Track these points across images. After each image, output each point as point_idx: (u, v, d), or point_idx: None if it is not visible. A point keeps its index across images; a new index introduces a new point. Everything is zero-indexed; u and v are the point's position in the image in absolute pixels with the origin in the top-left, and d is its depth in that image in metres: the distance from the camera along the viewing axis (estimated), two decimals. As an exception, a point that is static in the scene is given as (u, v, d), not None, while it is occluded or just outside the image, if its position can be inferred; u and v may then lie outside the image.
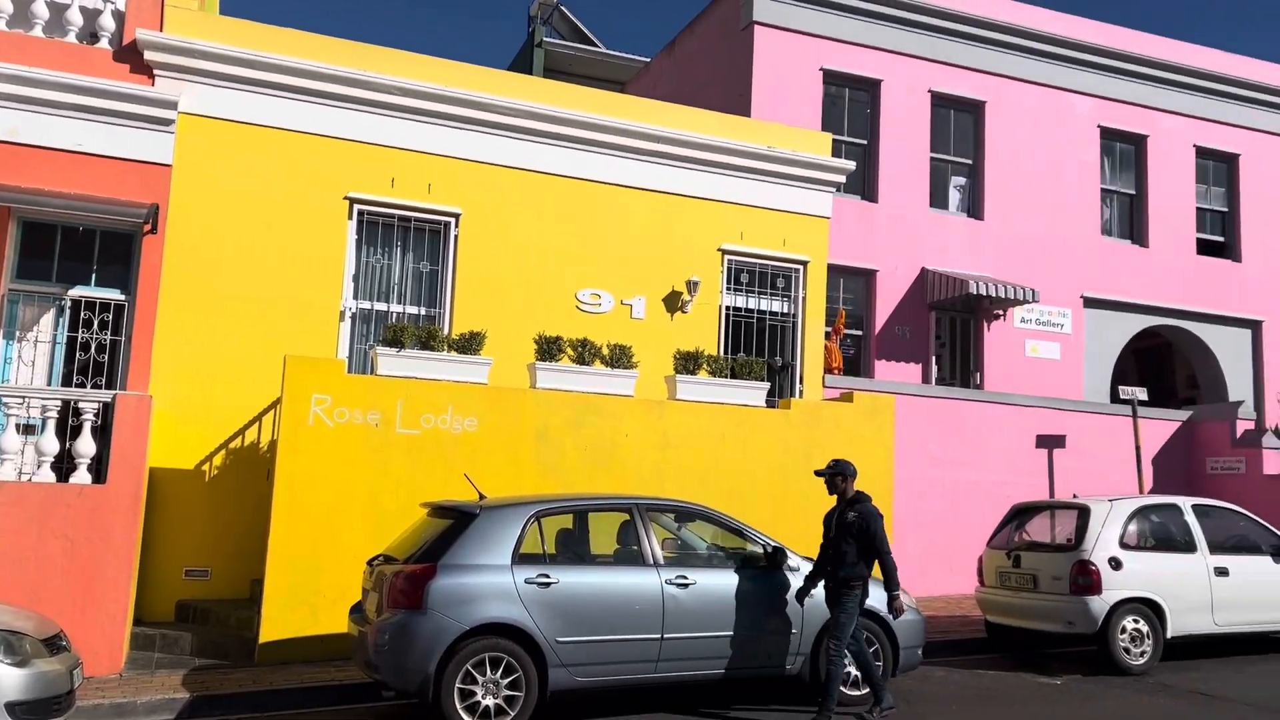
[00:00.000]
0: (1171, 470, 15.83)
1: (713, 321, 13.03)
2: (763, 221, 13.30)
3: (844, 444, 11.73)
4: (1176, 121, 19.11)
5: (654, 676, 7.57)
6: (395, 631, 6.94)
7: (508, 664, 7.02)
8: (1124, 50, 18.55)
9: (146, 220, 9.98)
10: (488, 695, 6.95)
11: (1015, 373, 17.11)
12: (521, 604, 7.14)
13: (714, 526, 8.48)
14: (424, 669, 6.84)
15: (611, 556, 8.09)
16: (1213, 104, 19.43)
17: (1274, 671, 9.41)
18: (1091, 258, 18.14)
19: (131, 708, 7.45)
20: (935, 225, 17.12)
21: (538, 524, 7.57)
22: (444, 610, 6.94)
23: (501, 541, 7.31)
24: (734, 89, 16.47)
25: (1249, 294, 19.36)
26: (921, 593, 13.01)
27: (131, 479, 8.86)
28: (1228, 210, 19.67)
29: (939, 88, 17.31)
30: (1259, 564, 10.17)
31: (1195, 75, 19.13)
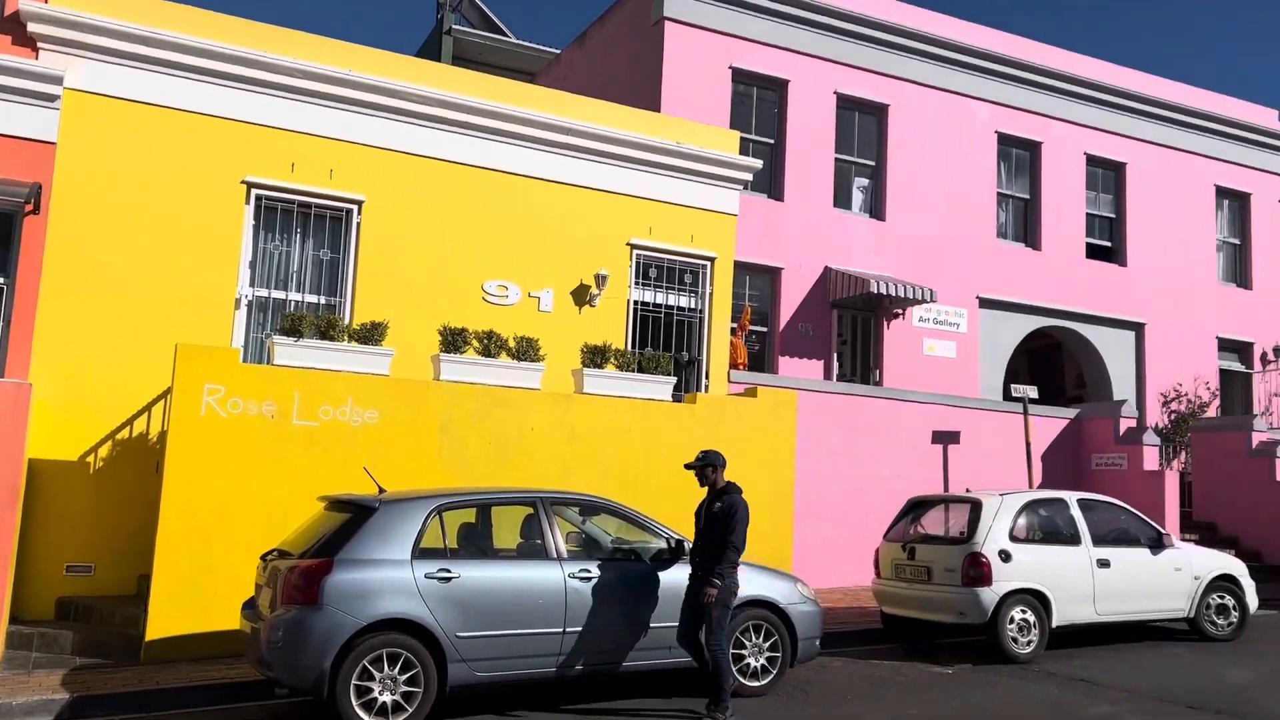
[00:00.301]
0: (1060, 465, 16.45)
1: (621, 315, 13.03)
2: (671, 217, 13.36)
3: (748, 438, 11.87)
4: (1069, 130, 19.84)
5: (557, 670, 7.55)
6: (289, 627, 6.77)
7: (406, 659, 6.91)
8: (1021, 59, 19.18)
9: (28, 200, 9.51)
10: (385, 692, 6.83)
11: (913, 370, 17.56)
12: (421, 599, 7.04)
13: (618, 520, 8.48)
14: (319, 666, 6.69)
15: (515, 551, 8.04)
16: (1103, 114, 20.23)
17: (1150, 658, 9.86)
18: (987, 260, 18.71)
19: (7, 709, 7.09)
20: (839, 225, 17.44)
21: (439, 518, 7.47)
22: (341, 606, 6.79)
23: (401, 536, 7.20)
24: (644, 84, 16.50)
25: (1134, 297, 20.23)
26: (821, 585, 13.25)
27: (8, 470, 8.45)
28: (1115, 216, 20.52)
29: (844, 90, 17.63)
30: (1138, 555, 10.63)
31: (1087, 86, 19.89)
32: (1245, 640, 10.68)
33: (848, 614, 11.82)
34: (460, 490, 8.17)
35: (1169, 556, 10.75)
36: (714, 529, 7.54)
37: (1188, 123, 21.17)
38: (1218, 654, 10.00)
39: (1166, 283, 20.64)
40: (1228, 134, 21.68)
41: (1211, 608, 10.84)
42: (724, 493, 7.69)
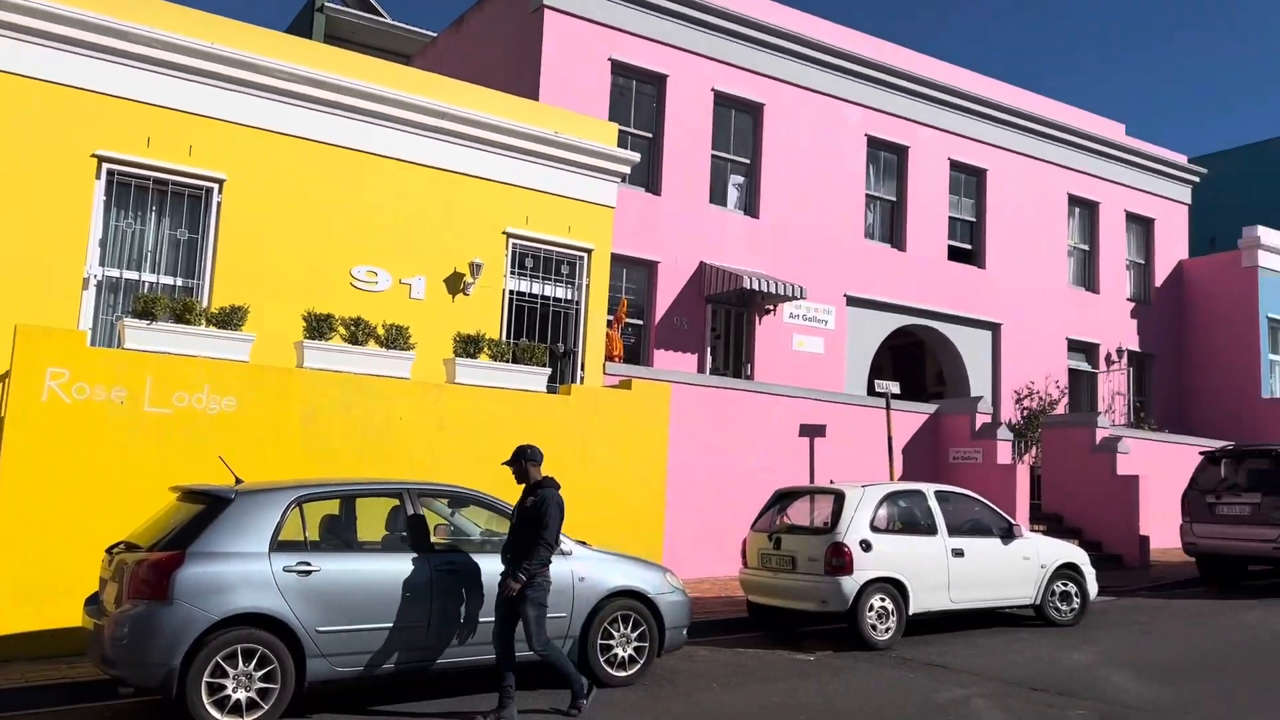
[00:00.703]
0: (919, 459, 17.07)
1: (495, 305, 12.88)
2: (548, 207, 13.27)
3: (621, 430, 11.92)
4: (934, 135, 20.59)
5: (423, 664, 7.42)
6: (136, 624, 6.46)
7: (262, 655, 6.67)
8: (890, 65, 19.79)
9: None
10: (239, 689, 6.58)
11: (783, 365, 17.94)
12: (279, 593, 6.81)
13: (488, 512, 8.39)
14: (168, 663, 6.40)
15: (380, 543, 7.85)
16: (967, 121, 21.06)
17: (1000, 643, 10.32)
18: (855, 259, 19.26)
19: None
20: (714, 221, 17.66)
21: (299, 510, 7.24)
22: (192, 600, 6.51)
23: (258, 528, 6.94)
24: (522, 71, 16.34)
25: (991, 299, 21.15)
26: (691, 575, 13.41)
27: None
28: (975, 221, 21.40)
29: (722, 87, 17.86)
30: (990, 545, 11.11)
31: (952, 93, 20.67)
32: (1085, 625, 11.29)
33: (716, 603, 11.99)
34: (322, 481, 7.94)
35: (1018, 546, 11.27)
36: (525, 524, 7.32)
37: (1044, 133, 22.25)
38: (1060, 638, 10.54)
39: (1022, 285, 21.66)
40: (1080, 145, 22.88)
41: (1056, 595, 11.42)
42: (538, 487, 7.46)
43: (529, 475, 7.60)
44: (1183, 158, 25.18)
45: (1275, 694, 8.01)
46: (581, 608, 8.04)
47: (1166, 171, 24.64)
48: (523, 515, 7.41)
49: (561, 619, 7.95)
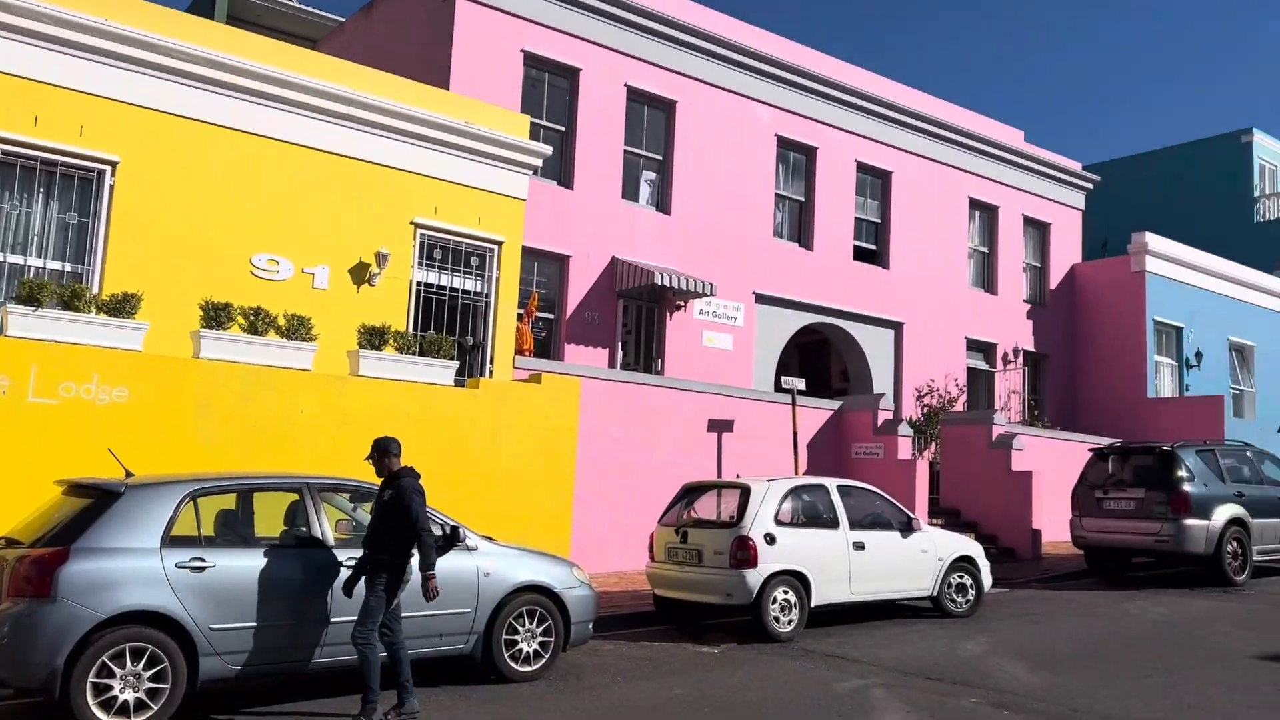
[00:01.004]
0: (824, 454, 17.38)
1: (402, 296, 12.68)
2: (458, 198, 13.11)
3: (530, 425, 11.86)
4: (842, 137, 20.96)
5: (322, 662, 7.28)
6: (17, 623, 6.20)
7: (152, 654, 6.46)
8: (800, 66, 20.08)
9: None
10: (127, 689, 6.36)
11: (693, 361, 18.07)
12: (171, 590, 6.60)
13: (390, 506, 8.24)
14: (51, 663, 6.15)
15: (278, 539, 7.66)
16: (873, 124, 21.50)
17: (898, 634, 10.58)
18: (764, 257, 19.50)
19: None
20: (626, 216, 17.68)
21: (193, 504, 7.02)
22: (77, 598, 6.26)
23: (149, 523, 6.72)
24: (433, 60, 16.10)
25: (894, 298, 21.64)
26: (599, 569, 13.43)
27: None
28: (880, 222, 21.86)
29: (635, 83, 17.88)
30: (890, 538, 11.38)
31: (859, 96, 21.07)
32: (980, 616, 11.64)
33: (623, 597, 12.03)
34: (218, 475, 7.73)
35: (917, 539, 11.57)
36: (388, 518, 7.05)
37: (947, 138, 22.84)
38: (956, 629, 10.86)
39: (924, 286, 22.22)
40: (981, 150, 23.57)
41: (952, 586, 11.75)
42: (396, 478, 7.20)
43: (388, 467, 7.30)
44: (1077, 165, 26.14)
45: (1154, 679, 8.39)
46: (486, 603, 7.98)
47: (1062, 178, 25.56)
48: (382, 509, 7.12)
49: (466, 614, 7.89)
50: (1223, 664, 8.98)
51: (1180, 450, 14.41)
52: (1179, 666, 8.89)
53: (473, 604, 7.91)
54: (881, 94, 21.57)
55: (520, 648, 8.13)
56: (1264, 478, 15.23)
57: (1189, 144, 34.62)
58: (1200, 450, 14.73)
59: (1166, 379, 24.95)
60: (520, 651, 8.13)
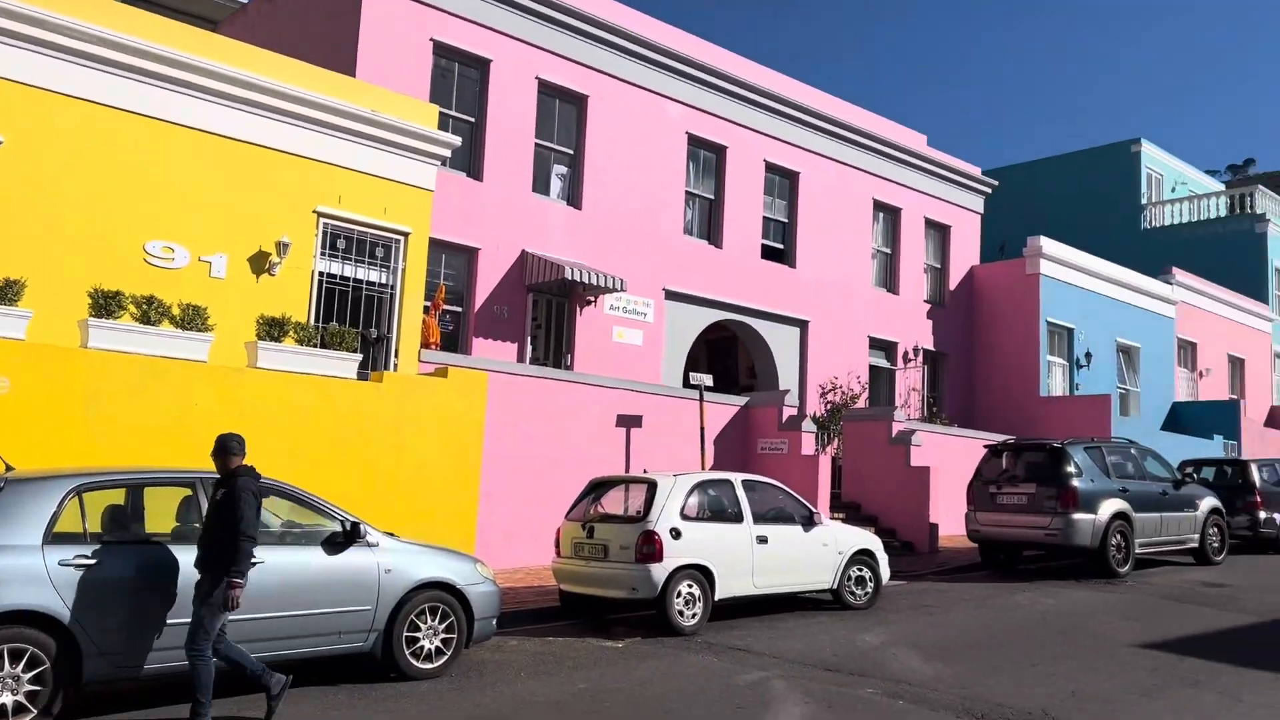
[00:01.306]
0: (730, 449, 17.58)
1: (304, 287, 12.39)
2: (363, 187, 12.87)
3: (436, 419, 11.72)
4: (751, 137, 21.21)
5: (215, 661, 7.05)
6: (-117, 626, 5.87)
7: (32, 655, 6.19)
8: (710, 65, 20.24)
9: None
10: (5, 692, 6.09)
11: (603, 356, 18.09)
12: (53, 589, 6.33)
13: (289, 502, 8.06)
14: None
15: (170, 535, 7.42)
16: (782, 125, 21.80)
17: (800, 627, 10.77)
18: (674, 254, 19.62)
19: None
20: (537, 209, 17.59)
21: (78, 499, 6.74)
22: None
23: (30, 519, 6.44)
24: (339, 47, 15.76)
25: (800, 297, 22.00)
26: (507, 565, 13.36)
27: None
28: (788, 221, 22.19)
29: (546, 76, 17.79)
30: (792, 532, 11.57)
31: (768, 97, 21.34)
32: (878, 608, 11.92)
33: (528, 593, 11.98)
34: (106, 469, 7.43)
35: (818, 533, 11.78)
36: (218, 519, 6.69)
37: (854, 140, 23.30)
38: (855, 621, 11.10)
39: (829, 285, 22.64)
40: (885, 153, 24.10)
41: (852, 579, 12.00)
42: (231, 476, 6.79)
43: (226, 466, 6.87)
44: (977, 170, 26.94)
45: (1042, 667, 8.71)
46: (387, 600, 7.86)
47: (962, 182, 26.30)
48: (215, 510, 6.75)
49: (366, 612, 7.76)
50: (1105, 652, 9.37)
51: (1069, 447, 14.97)
52: (1065, 655, 9.24)
53: (373, 601, 7.78)
54: (791, 95, 21.89)
55: (422, 645, 8.03)
56: (1146, 474, 15.93)
57: (1082, 152, 36.03)
58: (1088, 447, 15.33)
59: (1058, 378, 25.91)
60: (422, 649, 8.03)
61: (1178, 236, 33.67)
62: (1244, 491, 18.20)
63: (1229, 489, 18.09)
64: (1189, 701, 7.53)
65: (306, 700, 7.33)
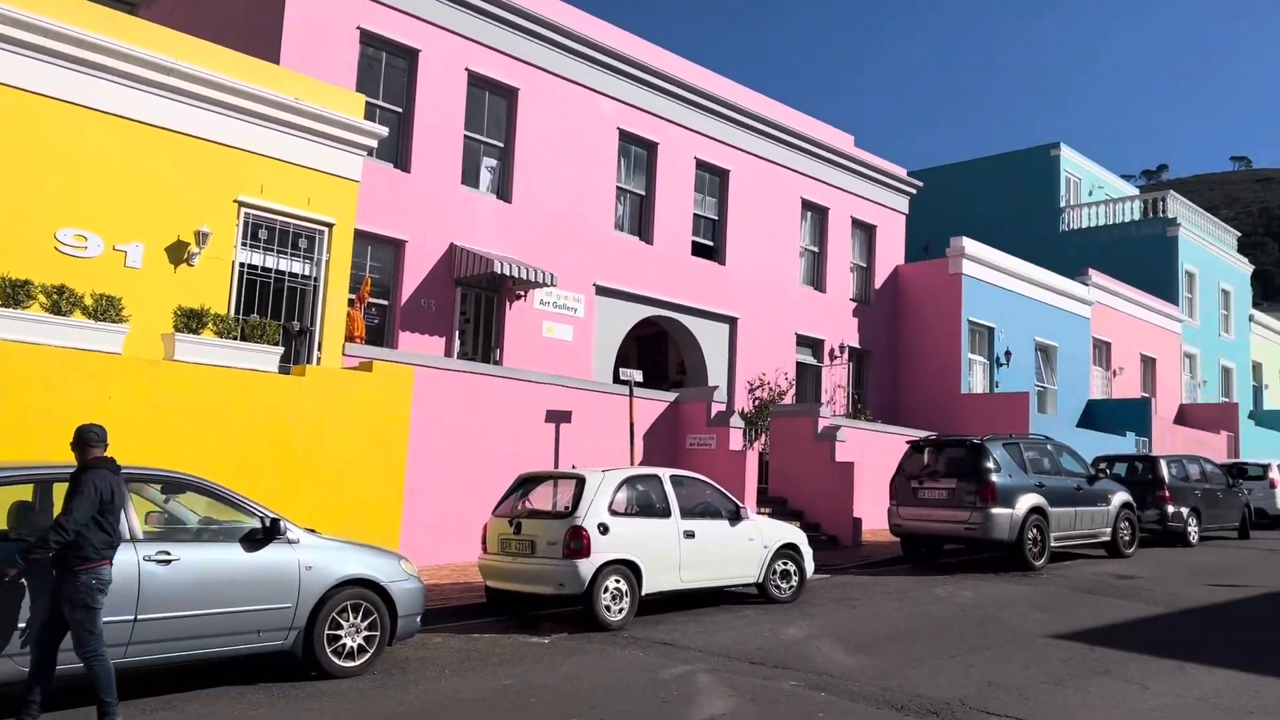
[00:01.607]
0: (659, 445, 17.64)
1: (224, 278, 12.09)
2: (287, 177, 12.59)
3: (360, 414, 11.56)
4: (683, 134, 21.28)
5: (127, 661, 6.87)
6: None
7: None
8: (642, 61, 20.26)
9: None
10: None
11: (532, 351, 18.00)
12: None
13: (206, 498, 7.88)
14: None
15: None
16: (713, 123, 21.92)
17: (725, 621, 10.86)
18: (605, 249, 19.61)
19: None
20: (466, 202, 17.43)
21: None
22: None
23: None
24: (263, 33, 15.41)
25: (730, 294, 22.16)
26: (431, 561, 13.22)
27: None
28: (718, 219, 22.33)
29: (476, 68, 17.63)
30: (719, 527, 11.65)
31: (700, 95, 21.44)
32: (802, 602, 12.08)
33: (454, 590, 11.87)
34: (13, 464, 7.19)
35: (745, 528, 11.89)
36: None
37: (783, 139, 23.53)
38: (780, 614, 11.23)
39: (758, 282, 22.84)
40: (814, 153, 24.39)
41: (777, 573, 12.14)
42: (85, 469, 6.47)
43: (84, 457, 6.56)
44: (903, 170, 27.41)
45: (960, 659, 8.91)
46: (308, 598, 7.73)
47: (888, 183, 26.74)
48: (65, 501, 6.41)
49: (286, 609, 7.62)
50: (1020, 643, 9.62)
51: (989, 443, 15.33)
52: (982, 646, 9.47)
53: (293, 598, 7.65)
54: (722, 94, 22.02)
55: (344, 643, 7.92)
56: (1062, 469, 16.39)
57: (1004, 155, 36.93)
58: (1006, 443, 15.72)
59: (979, 376, 26.51)
60: (344, 646, 7.91)
61: (1094, 239, 34.71)
62: (1154, 487, 18.84)
63: (1140, 484, 18.72)
64: (1099, 690, 7.78)
65: (223, 700, 7.18)
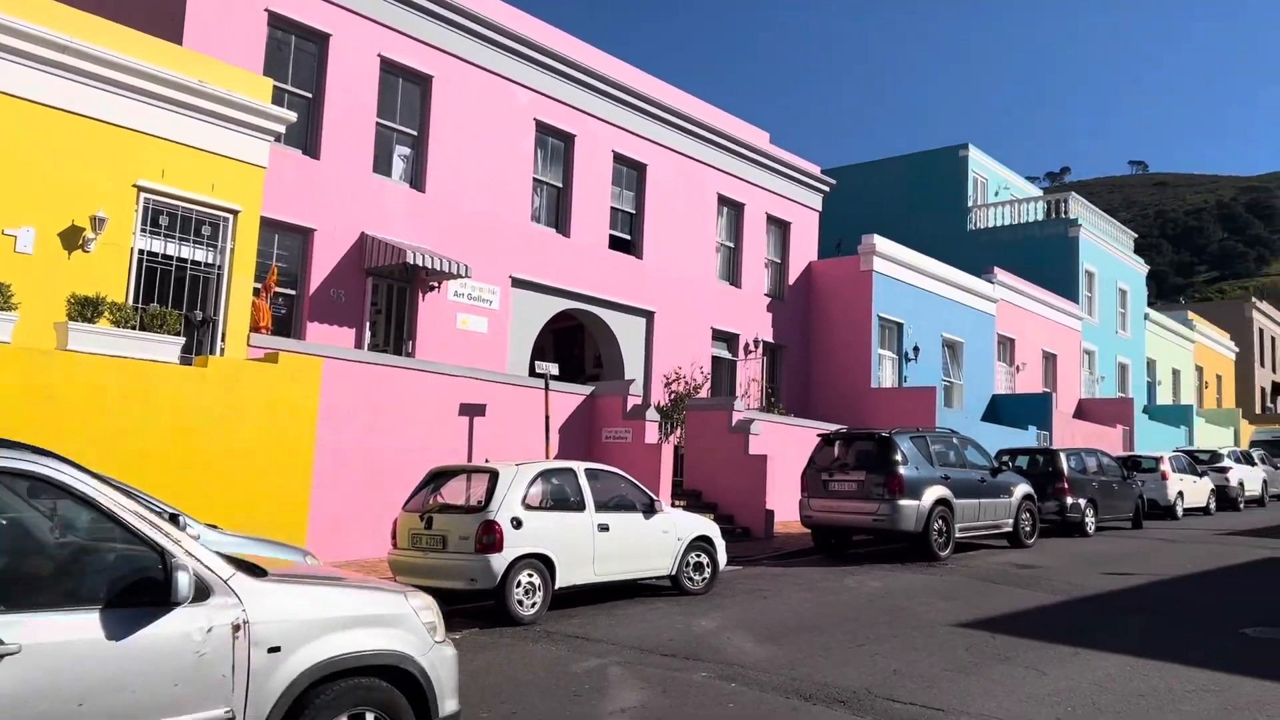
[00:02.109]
0: (575, 438, 17.59)
1: (122, 265, 11.64)
2: (189, 161, 12.18)
3: (265, 406, 11.26)
4: (600, 127, 21.23)
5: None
6: None
7: None
8: (559, 52, 20.13)
9: None
10: None
11: (447, 343, 17.77)
12: None
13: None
14: None
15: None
16: (631, 116, 21.90)
17: (638, 613, 10.88)
18: (521, 241, 19.45)
19: None
20: (378, 191, 17.10)
21: None
22: None
23: None
24: (165, 12, 14.86)
25: (646, 288, 22.20)
26: (338, 556, 12.94)
27: None
28: (635, 213, 22.35)
29: (389, 54, 17.30)
30: (633, 520, 11.67)
31: (617, 88, 21.40)
32: (715, 593, 12.17)
33: (363, 586, 11.64)
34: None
35: (659, 520, 11.93)
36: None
37: (700, 135, 23.65)
38: (692, 606, 11.30)
39: (674, 277, 22.93)
40: (730, 149, 24.57)
41: (690, 565, 12.21)
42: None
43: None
44: (816, 168, 27.80)
45: (868, 647, 9.07)
46: (209, 595, 7.47)
47: (802, 180, 27.10)
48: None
49: (185, 608, 7.36)
50: (926, 632, 9.85)
51: (896, 436, 15.66)
52: (889, 635, 9.66)
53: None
54: (640, 87, 22.03)
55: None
56: (967, 462, 16.84)
57: (915, 155, 37.73)
58: (914, 437, 16.08)
59: (888, 370, 27.07)
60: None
61: (999, 238, 35.71)
62: (1054, 479, 19.49)
63: (1040, 476, 19.36)
64: (1001, 676, 8.00)
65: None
